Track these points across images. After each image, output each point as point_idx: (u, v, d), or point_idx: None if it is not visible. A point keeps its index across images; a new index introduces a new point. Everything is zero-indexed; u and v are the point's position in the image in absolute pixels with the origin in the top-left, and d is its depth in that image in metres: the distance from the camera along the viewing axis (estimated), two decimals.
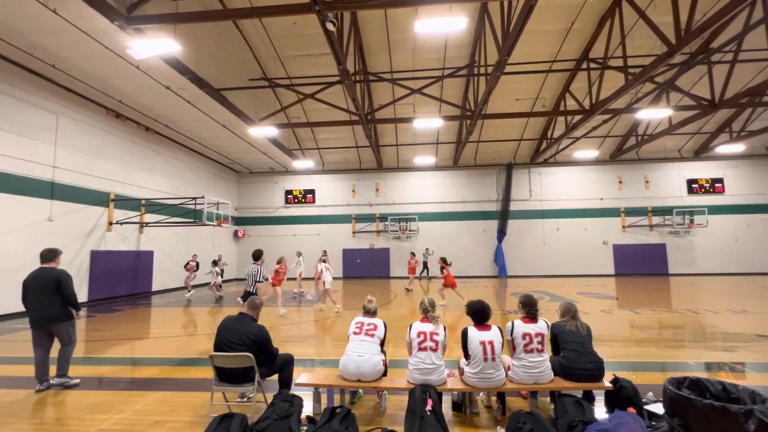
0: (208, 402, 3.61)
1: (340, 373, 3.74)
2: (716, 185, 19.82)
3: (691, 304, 10.26)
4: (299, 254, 14.95)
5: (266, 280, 7.03)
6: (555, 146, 17.74)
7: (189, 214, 14.73)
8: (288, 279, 11.81)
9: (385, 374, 3.82)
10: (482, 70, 12.36)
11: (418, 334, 3.62)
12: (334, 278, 11.18)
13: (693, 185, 19.92)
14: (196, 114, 13.29)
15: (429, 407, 3.16)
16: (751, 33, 10.96)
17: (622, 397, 3.38)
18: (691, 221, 19.14)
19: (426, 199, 20.94)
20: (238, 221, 21.38)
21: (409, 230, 20.36)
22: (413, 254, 16.49)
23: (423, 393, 3.27)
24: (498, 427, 3.40)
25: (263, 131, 13.60)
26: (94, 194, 12.09)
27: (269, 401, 3.39)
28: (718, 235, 19.24)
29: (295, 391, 3.80)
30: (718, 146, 17.34)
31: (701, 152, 19.33)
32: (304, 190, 21.57)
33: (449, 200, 20.83)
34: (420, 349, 3.57)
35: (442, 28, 8.67)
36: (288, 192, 21.67)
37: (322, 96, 13.35)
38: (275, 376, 3.85)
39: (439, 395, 3.48)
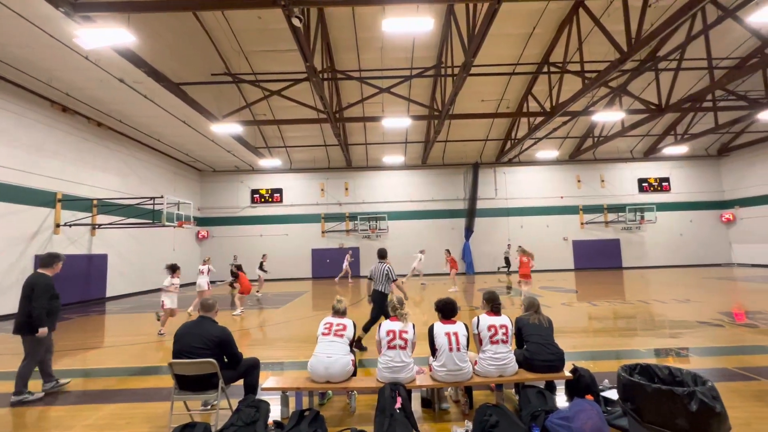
0: (168, 412, 3.43)
1: (309, 375, 3.68)
2: (663, 184, 21.35)
3: (642, 296, 10.98)
4: (422, 252, 15.20)
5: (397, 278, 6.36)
6: (519, 146, 18.40)
7: (147, 215, 13.96)
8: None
9: (354, 374, 3.80)
10: (449, 71, 12.57)
11: (387, 333, 3.63)
12: (301, 278, 10.95)
13: (643, 184, 21.33)
14: (153, 109, 12.61)
15: (398, 405, 3.17)
16: (693, 43, 11.87)
17: (580, 385, 3.55)
18: (642, 218, 20.48)
19: (395, 198, 21.06)
20: (201, 222, 20.52)
21: (379, 229, 20.40)
22: (449, 251, 16.21)
23: (392, 391, 3.28)
24: (466, 421, 3.47)
25: (227, 128, 13.12)
26: (39, 194, 11.16)
27: (234, 408, 3.28)
28: (665, 230, 20.73)
29: (261, 395, 3.70)
30: (665, 148, 18.72)
31: (650, 153, 20.74)
32: (271, 190, 21.06)
33: (418, 199, 21.07)
34: (389, 348, 3.58)
35: (409, 28, 8.73)
36: (254, 191, 21.07)
37: (289, 93, 13.07)
38: (240, 382, 3.73)
39: (409, 393, 3.51)
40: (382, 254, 6.54)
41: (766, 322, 7.02)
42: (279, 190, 21.05)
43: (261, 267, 14.51)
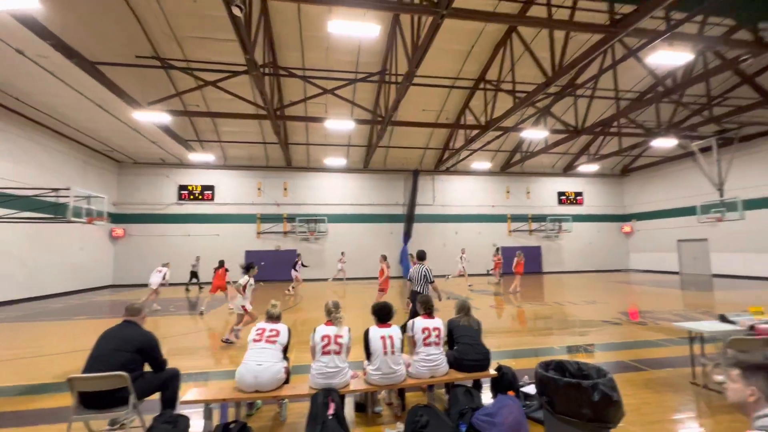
0: None
1: (236, 384, 3.46)
2: (578, 198, 23.94)
3: (558, 298, 12.13)
4: (463, 251, 15.21)
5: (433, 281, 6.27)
6: (456, 156, 19.36)
7: (47, 209, 12.17)
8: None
9: (287, 381, 3.66)
10: (393, 79, 12.84)
11: (323, 338, 3.55)
12: (233, 282, 10.35)
13: (561, 197, 23.71)
14: (61, 88, 11.09)
15: (331, 411, 3.12)
16: (604, 76, 13.49)
17: (504, 382, 3.80)
18: (560, 227, 22.77)
19: (336, 201, 20.88)
20: (117, 218, 18.40)
21: (318, 231, 20.05)
22: (498, 249, 17.29)
23: (325, 397, 3.22)
24: (398, 423, 3.52)
25: (153, 117, 11.96)
26: None
27: (148, 426, 2.96)
28: (579, 239, 23.21)
29: (181, 410, 3.39)
30: (580, 165, 21.05)
31: (568, 170, 23.14)
32: (201, 186, 19.60)
33: (359, 203, 21.12)
34: (324, 353, 3.51)
35: (355, 32, 8.76)
36: (182, 187, 19.44)
37: (226, 85, 12.32)
38: (156, 396, 3.39)
39: (342, 398, 3.47)
40: (421, 256, 6.60)
41: (654, 320, 8.16)
42: (211, 187, 19.69)
43: (295, 266, 14.29)
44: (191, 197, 19.46)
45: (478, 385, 3.99)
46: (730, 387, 1.72)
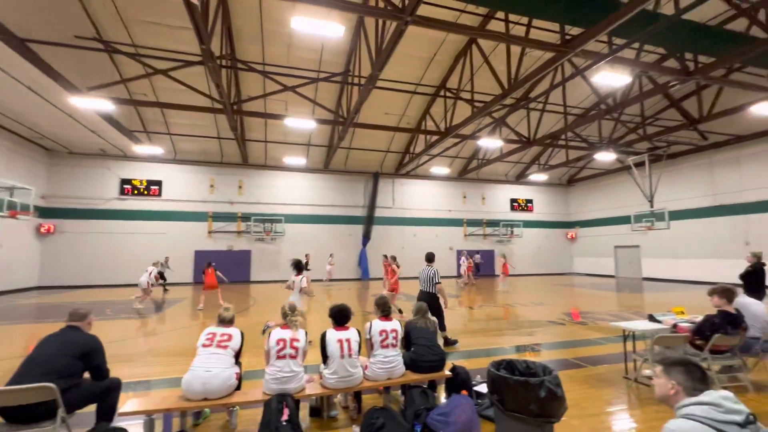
0: None
1: (183, 392, 3.26)
2: (528, 205, 25.32)
3: (509, 300, 12.71)
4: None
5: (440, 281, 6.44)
6: (416, 161, 19.73)
7: None
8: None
9: (238, 388, 3.50)
10: (356, 80, 12.82)
11: (278, 342, 3.44)
12: (181, 283, 9.78)
13: (514, 203, 24.95)
14: None
15: (285, 417, 3.03)
16: (554, 91, 14.40)
17: (457, 382, 3.91)
18: (512, 232, 23.94)
19: (294, 201, 20.41)
20: (46, 213, 16.65)
21: (275, 232, 19.46)
22: (504, 256, 17.36)
23: (279, 403, 3.13)
24: (354, 426, 3.49)
25: (92, 104, 10.98)
26: None
27: None
28: (528, 244, 24.53)
29: (119, 422, 3.13)
30: (531, 174, 22.33)
31: (520, 178, 24.42)
32: (147, 181, 18.30)
33: (318, 203, 20.80)
34: (279, 358, 3.40)
35: (319, 31, 8.63)
36: (125, 181, 18.03)
37: (178, 75, 11.64)
38: (91, 408, 3.10)
39: (297, 403, 3.38)
40: (429, 258, 6.84)
41: (593, 320, 8.81)
42: (158, 182, 18.43)
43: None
44: (135, 192, 18.10)
45: (433, 386, 4.07)
46: (656, 381, 1.89)
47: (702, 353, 4.23)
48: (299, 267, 6.79)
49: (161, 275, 15.05)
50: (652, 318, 5.22)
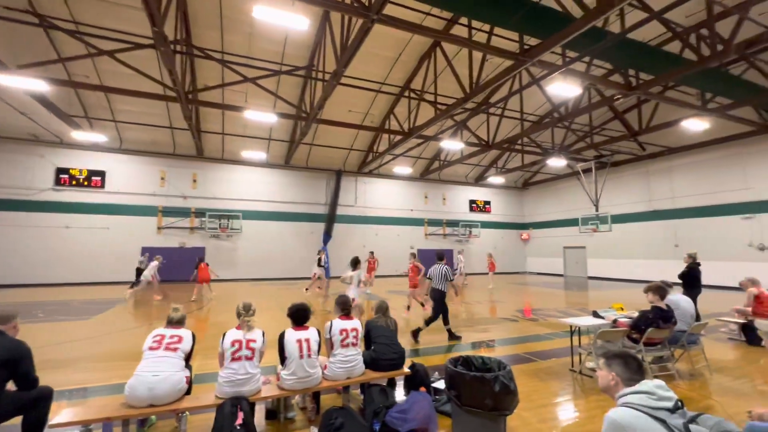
0: None
1: (126, 399, 3.03)
2: (486, 206, 26.27)
3: (466, 298, 13.11)
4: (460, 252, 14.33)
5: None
6: (379, 160, 19.78)
7: None
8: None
9: (188, 392, 3.32)
10: (320, 75, 12.62)
11: (233, 343, 3.30)
12: (125, 282, 9.13)
13: (473, 204, 25.78)
14: None
15: (239, 421, 2.91)
16: (513, 98, 15.05)
17: (416, 379, 3.96)
18: (470, 232, 24.73)
19: (253, 197, 19.70)
20: None
21: (231, 228, 18.67)
22: (490, 254, 17.40)
23: (233, 406, 3.00)
24: (312, 427, 3.44)
25: (22, 83, 9.88)
26: None
27: None
28: (486, 243, 25.43)
29: None
30: (489, 177, 23.19)
31: (479, 180, 25.27)
32: (88, 171, 16.82)
33: (278, 200, 20.24)
34: (233, 360, 3.26)
35: (282, 22, 8.38)
36: (62, 170, 16.45)
37: (126, 57, 10.82)
38: (16, 420, 2.79)
39: (252, 406, 3.27)
40: (440, 256, 7.35)
41: (543, 317, 9.32)
42: (101, 173, 17.01)
43: (319, 263, 14.12)
44: (74, 183, 16.58)
45: (392, 384, 4.10)
46: (599, 373, 2.04)
47: (638, 345, 4.61)
48: (356, 263, 7.43)
49: (140, 272, 14.05)
50: (595, 314, 5.61)
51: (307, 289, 14.20)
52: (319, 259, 14.42)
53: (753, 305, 6.73)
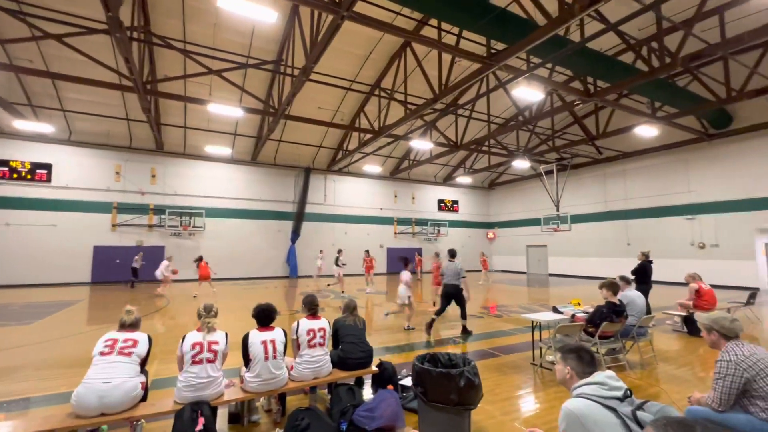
0: None
1: (73, 409, 2.82)
2: (454, 205, 26.82)
3: (435, 296, 13.30)
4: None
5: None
6: (349, 158, 19.66)
7: None
8: None
9: (144, 399, 3.14)
10: (289, 71, 12.35)
11: (193, 346, 3.16)
12: (75, 283, 8.56)
13: (441, 204, 26.23)
14: None
15: (200, 427, 2.80)
16: (480, 100, 15.43)
17: (384, 377, 3.97)
18: (439, 231, 25.15)
19: (217, 194, 18.98)
20: None
21: (194, 226, 17.90)
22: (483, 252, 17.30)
23: (193, 412, 2.88)
24: (277, 429, 3.36)
25: None
26: None
27: None
28: (453, 242, 25.92)
29: None
30: (457, 177, 23.68)
31: (447, 180, 25.75)
32: (32, 164, 15.51)
33: (244, 197, 19.63)
34: (194, 363, 3.12)
35: (249, 13, 8.10)
36: (2, 163, 15.10)
37: (76, 42, 10.09)
38: None
39: (214, 410, 3.14)
40: (452, 254, 7.77)
41: (507, 313, 9.64)
42: (47, 166, 15.75)
43: (337, 262, 14.48)
44: (15, 176, 15.25)
45: (360, 382, 4.09)
46: (556, 367, 2.13)
47: (593, 339, 4.88)
48: (406, 263, 8.20)
49: (135, 271, 14.99)
50: (555, 309, 5.88)
51: (343, 292, 13.99)
52: (337, 258, 14.54)
53: (694, 299, 7.31)
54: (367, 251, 15.70)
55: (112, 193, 16.82)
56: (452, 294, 7.29)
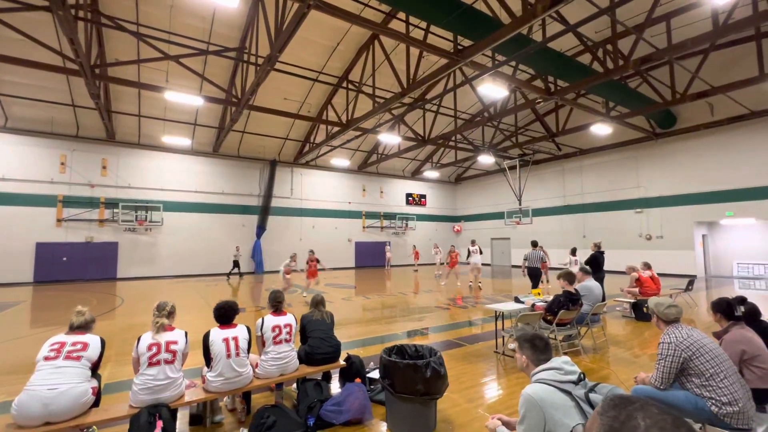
0: None
1: (13, 419, 2.60)
2: (422, 199, 27.16)
3: (402, 289, 13.49)
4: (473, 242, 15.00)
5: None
6: (316, 151, 19.34)
7: None
8: None
9: (96, 404, 2.95)
10: (253, 59, 11.91)
11: (150, 347, 3.01)
12: (15, 283, 7.88)
13: (409, 198, 26.47)
14: None
15: (158, 430, 2.68)
16: (447, 96, 15.64)
17: (352, 371, 3.98)
18: (407, 225, 25.40)
19: (176, 186, 18.06)
20: None
21: (151, 221, 16.95)
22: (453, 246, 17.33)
23: (150, 416, 2.74)
24: (242, 429, 3.28)
25: None
26: None
27: None
28: (421, 235, 26.33)
29: None
30: (425, 171, 23.96)
31: (415, 174, 26.00)
32: None
33: (205, 190, 18.82)
34: (151, 365, 2.97)
35: None
36: None
37: (12, 19, 9.17)
38: None
39: (174, 412, 3.01)
40: (534, 244, 10.43)
41: (472, 304, 9.94)
42: None
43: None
44: None
45: (328, 377, 4.07)
46: (516, 356, 2.23)
47: (551, 326, 5.14)
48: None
49: (236, 264, 16.22)
50: (517, 299, 6.12)
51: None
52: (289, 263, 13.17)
53: (639, 286, 7.91)
54: (312, 251, 12.66)
55: (56, 185, 15.55)
56: (535, 274, 9.86)
